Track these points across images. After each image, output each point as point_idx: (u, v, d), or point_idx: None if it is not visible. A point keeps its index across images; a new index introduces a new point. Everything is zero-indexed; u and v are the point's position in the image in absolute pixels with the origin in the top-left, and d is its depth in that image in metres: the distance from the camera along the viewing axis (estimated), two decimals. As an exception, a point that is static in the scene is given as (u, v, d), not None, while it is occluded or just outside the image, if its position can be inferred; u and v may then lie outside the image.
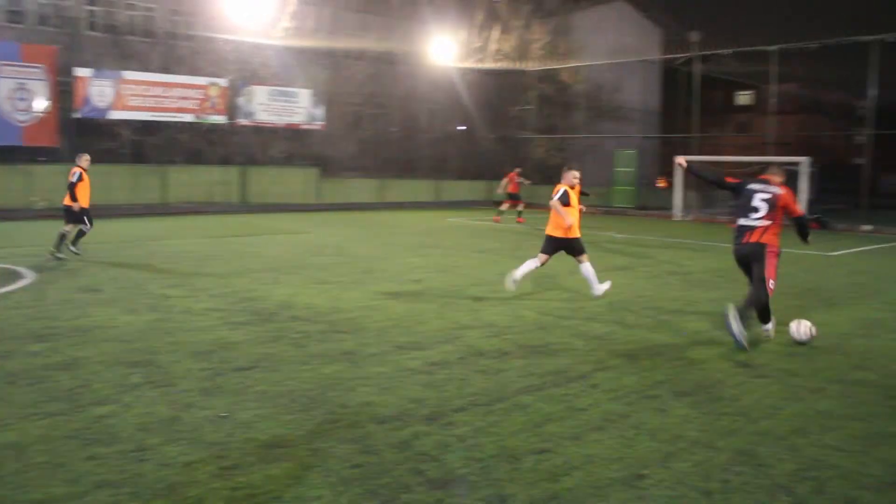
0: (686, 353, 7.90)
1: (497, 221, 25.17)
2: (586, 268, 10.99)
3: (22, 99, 25.55)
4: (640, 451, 5.11)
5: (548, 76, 39.07)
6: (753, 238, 8.27)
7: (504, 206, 25.82)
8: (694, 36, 41.39)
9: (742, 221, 8.41)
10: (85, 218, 14.59)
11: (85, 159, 15.11)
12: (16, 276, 12.08)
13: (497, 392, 6.36)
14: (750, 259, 8.37)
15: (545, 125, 39.79)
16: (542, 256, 10.98)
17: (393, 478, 4.61)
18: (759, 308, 8.37)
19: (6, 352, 7.34)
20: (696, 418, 5.81)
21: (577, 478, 4.67)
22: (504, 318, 9.43)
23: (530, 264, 11.02)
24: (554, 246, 10.95)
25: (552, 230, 10.97)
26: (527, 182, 26.26)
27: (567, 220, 10.69)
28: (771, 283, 8.25)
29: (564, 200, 10.79)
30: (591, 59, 38.82)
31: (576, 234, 10.90)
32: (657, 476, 4.71)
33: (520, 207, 25.57)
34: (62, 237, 14.18)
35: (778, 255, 8.32)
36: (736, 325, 7.94)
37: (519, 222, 24.93)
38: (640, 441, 5.31)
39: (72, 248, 14.33)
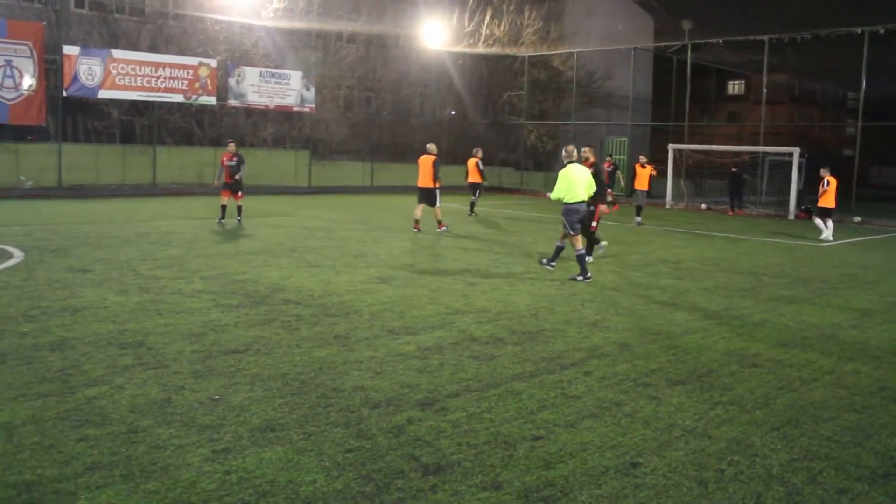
0: (679, 341, 7.91)
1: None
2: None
3: (8, 76, 25.23)
4: (635, 439, 5.11)
5: (540, 62, 38.93)
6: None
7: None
8: (686, 24, 41.37)
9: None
10: None
11: None
12: (4, 255, 11.96)
13: (490, 378, 6.35)
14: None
15: (537, 111, 39.68)
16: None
17: (387, 463, 4.59)
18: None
19: (-5, 331, 7.27)
20: (690, 407, 5.81)
21: (571, 465, 4.66)
22: (496, 304, 9.41)
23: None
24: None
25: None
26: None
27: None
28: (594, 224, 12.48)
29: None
30: (583, 46, 38.73)
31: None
32: (652, 464, 4.71)
33: (474, 198, 23.37)
34: None
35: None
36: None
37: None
38: (635, 429, 5.31)
39: None
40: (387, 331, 7.84)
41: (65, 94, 26.57)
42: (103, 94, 27.36)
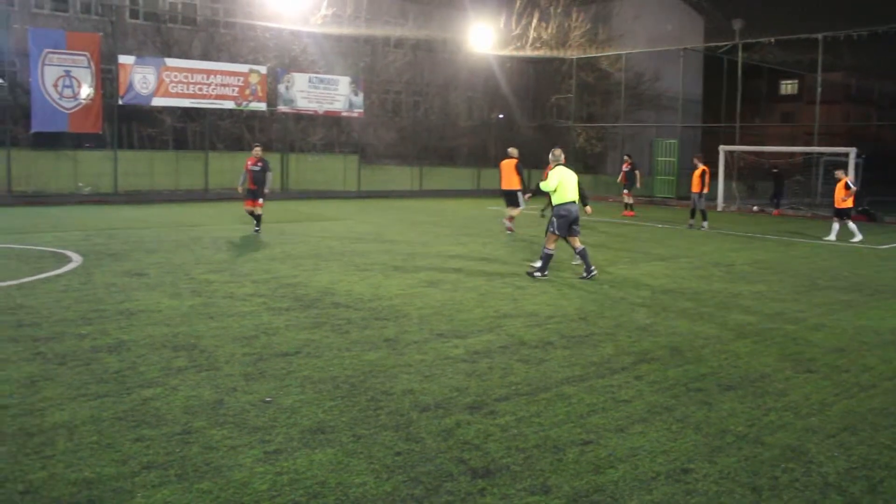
0: (730, 345, 7.79)
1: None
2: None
3: (67, 86, 25.92)
4: (686, 445, 5.05)
5: (588, 64, 38.68)
6: None
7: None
8: (737, 23, 40.69)
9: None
10: None
11: None
12: (64, 259, 12.30)
13: (540, 382, 6.32)
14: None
15: (585, 114, 39.45)
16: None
17: (436, 466, 4.60)
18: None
19: (56, 333, 7.48)
20: (742, 412, 5.72)
21: (621, 470, 4.62)
22: (546, 308, 9.38)
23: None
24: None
25: None
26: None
27: None
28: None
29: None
30: (632, 47, 38.37)
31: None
32: (703, 470, 4.64)
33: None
34: None
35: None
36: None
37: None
38: (686, 434, 5.24)
39: None
40: (436, 334, 7.86)
41: (120, 102, 27.21)
42: (157, 101, 27.94)
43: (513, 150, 18.52)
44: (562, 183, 11.50)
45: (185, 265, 11.98)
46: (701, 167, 21.30)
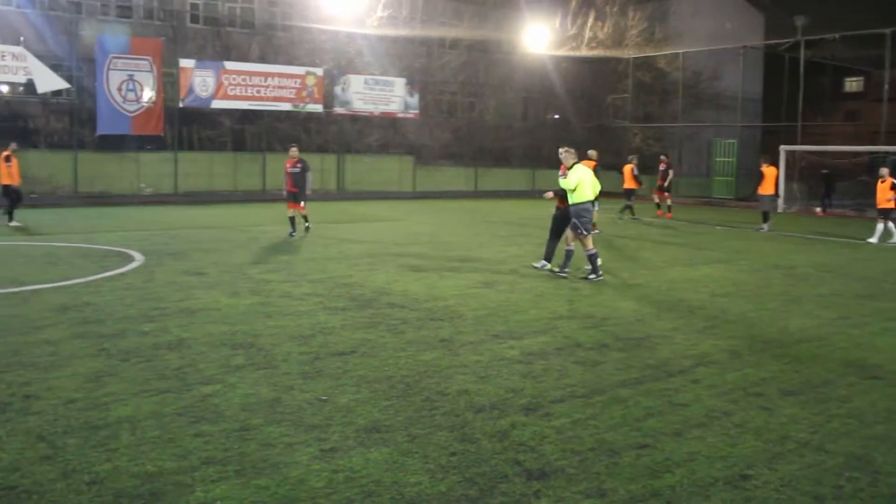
0: (792, 350, 7.62)
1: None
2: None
3: (130, 90, 26.59)
4: (745, 451, 4.95)
5: (644, 63, 38.18)
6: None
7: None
8: (799, 20, 39.75)
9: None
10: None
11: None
12: (127, 258, 12.62)
13: (595, 384, 6.27)
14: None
15: (642, 114, 38.96)
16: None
17: (491, 467, 4.60)
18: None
19: (120, 330, 7.68)
20: (804, 419, 5.59)
21: (678, 475, 4.55)
22: (601, 310, 9.30)
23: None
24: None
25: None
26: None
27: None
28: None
29: None
30: (690, 46, 37.73)
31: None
32: (763, 477, 4.55)
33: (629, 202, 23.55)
34: None
35: None
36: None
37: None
38: (745, 440, 5.14)
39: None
40: (491, 335, 7.85)
41: (181, 105, 27.81)
42: (216, 104, 28.48)
43: (592, 153, 18.74)
44: (582, 181, 11.35)
45: (243, 265, 12.18)
46: (772, 168, 20.80)
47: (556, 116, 40.20)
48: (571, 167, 11.44)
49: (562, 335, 7.94)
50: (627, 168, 23.35)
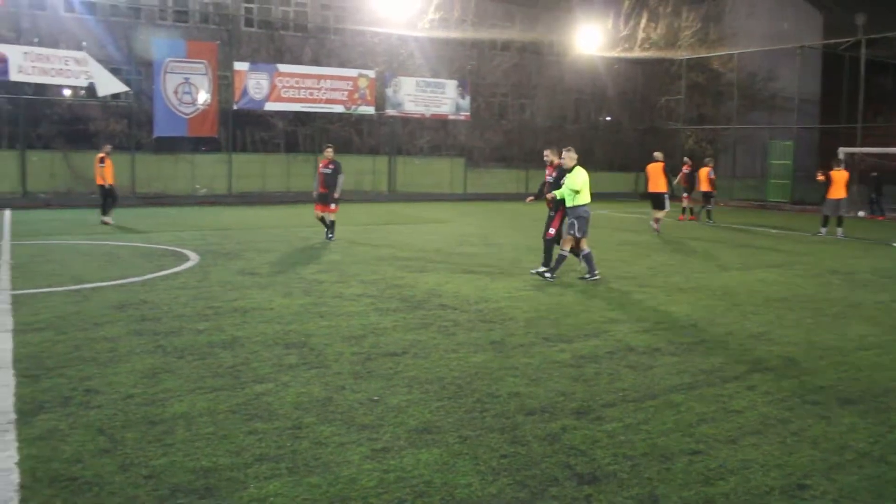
0: (851, 357, 7.43)
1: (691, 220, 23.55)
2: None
3: (187, 93, 27.12)
4: (802, 460, 4.84)
5: (698, 64, 37.65)
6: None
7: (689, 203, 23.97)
8: (859, 18, 38.84)
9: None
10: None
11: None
12: (182, 257, 12.87)
13: (647, 389, 6.20)
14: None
15: (695, 115, 38.43)
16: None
17: (541, 470, 4.57)
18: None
19: (176, 328, 7.83)
20: (864, 428, 5.44)
21: (732, 483, 4.47)
22: (654, 314, 9.19)
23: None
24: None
25: None
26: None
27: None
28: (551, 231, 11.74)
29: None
30: (745, 46, 37.11)
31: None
32: (821, 487, 4.45)
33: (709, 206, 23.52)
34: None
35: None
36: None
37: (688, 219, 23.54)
38: (802, 449, 5.03)
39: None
40: (542, 338, 7.82)
41: (235, 107, 28.26)
42: (269, 106, 28.88)
43: (658, 154, 19.25)
44: (586, 183, 11.25)
45: (295, 265, 12.33)
46: (842, 172, 20.37)
47: (608, 118, 39.87)
48: (572, 169, 11.30)
49: (613, 339, 7.87)
50: (704, 171, 23.33)
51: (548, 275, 11.30)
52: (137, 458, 4.58)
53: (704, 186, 23.24)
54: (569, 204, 11.27)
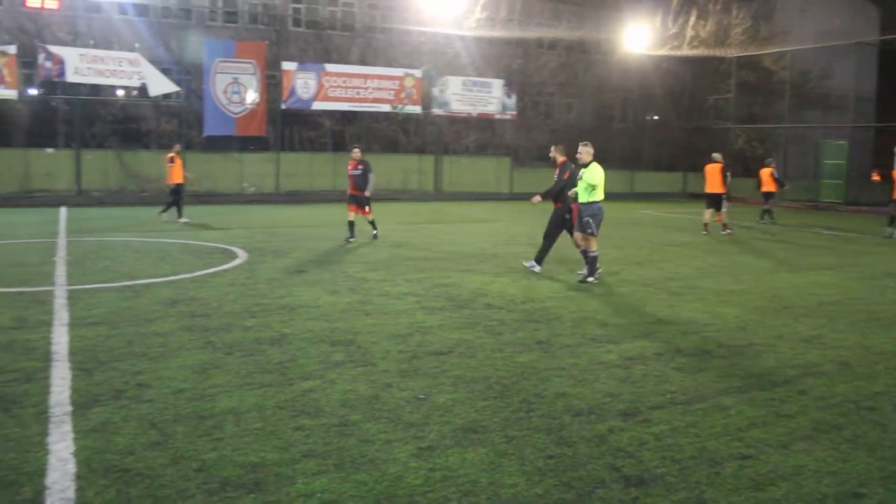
0: (908, 362, 7.24)
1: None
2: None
3: (236, 92, 27.51)
4: (857, 467, 4.73)
5: (749, 62, 36.99)
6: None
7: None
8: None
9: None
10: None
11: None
12: (231, 255, 13.06)
13: (696, 391, 6.12)
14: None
15: (745, 114, 37.78)
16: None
17: (588, 472, 4.54)
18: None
19: (225, 325, 7.94)
20: (922, 435, 5.30)
21: (784, 489, 4.38)
22: (703, 315, 9.06)
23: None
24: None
25: None
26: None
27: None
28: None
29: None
30: (797, 43, 36.37)
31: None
32: (878, 496, 4.33)
33: (766, 206, 23.10)
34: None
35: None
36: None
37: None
38: (857, 456, 4.91)
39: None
40: (588, 338, 7.76)
41: (283, 106, 28.58)
42: (317, 105, 29.15)
43: (717, 155, 19.25)
44: (602, 179, 11.15)
45: (342, 263, 12.42)
46: None
47: (656, 117, 39.43)
48: (588, 165, 11.16)
49: (661, 340, 7.78)
50: (767, 171, 23.01)
51: (590, 279, 11.18)
52: (188, 452, 4.65)
53: (767, 186, 22.91)
54: (584, 200, 11.16)
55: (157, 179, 26.53)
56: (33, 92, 27.31)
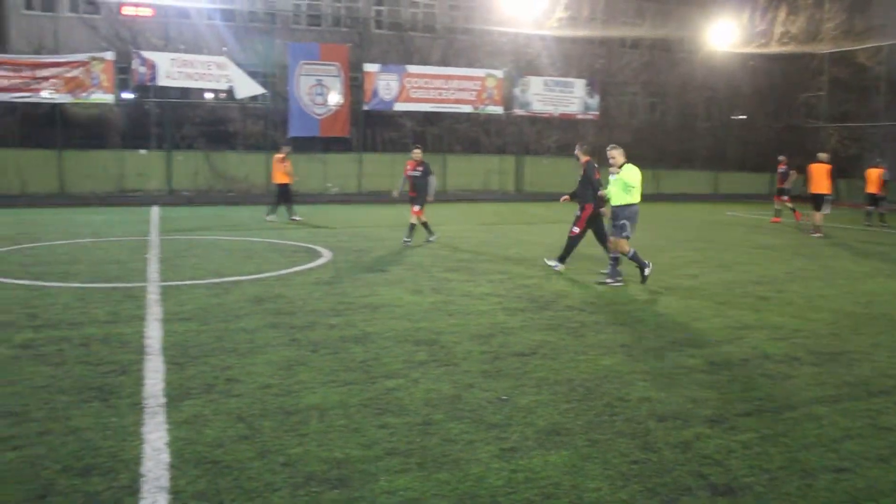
0: None
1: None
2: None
3: (319, 94, 28.01)
4: (964, 483, 4.51)
5: (842, 58, 35.66)
6: None
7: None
8: None
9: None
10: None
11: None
12: (315, 254, 13.30)
13: (785, 399, 5.93)
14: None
15: (838, 112, 36.44)
16: None
17: (673, 478, 4.45)
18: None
19: (310, 323, 8.10)
20: None
21: (884, 505, 4.22)
22: (792, 321, 8.79)
23: None
24: None
25: None
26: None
27: None
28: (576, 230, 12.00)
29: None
30: (895, 38, 34.89)
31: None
32: (985, 512, 4.13)
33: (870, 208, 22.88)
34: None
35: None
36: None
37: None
38: (964, 471, 4.68)
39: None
40: (672, 342, 7.62)
41: (365, 107, 28.95)
42: (398, 106, 29.42)
43: (823, 155, 19.18)
44: (639, 181, 10.93)
45: (424, 263, 12.51)
46: None
47: (742, 116, 38.42)
48: (622, 166, 11.00)
49: (748, 345, 7.58)
50: (876, 172, 22.51)
51: (609, 280, 11.00)
52: (274, 446, 4.75)
53: (873, 188, 22.37)
54: (619, 202, 10.95)
55: (243, 180, 27.27)
56: (128, 96, 28.36)
